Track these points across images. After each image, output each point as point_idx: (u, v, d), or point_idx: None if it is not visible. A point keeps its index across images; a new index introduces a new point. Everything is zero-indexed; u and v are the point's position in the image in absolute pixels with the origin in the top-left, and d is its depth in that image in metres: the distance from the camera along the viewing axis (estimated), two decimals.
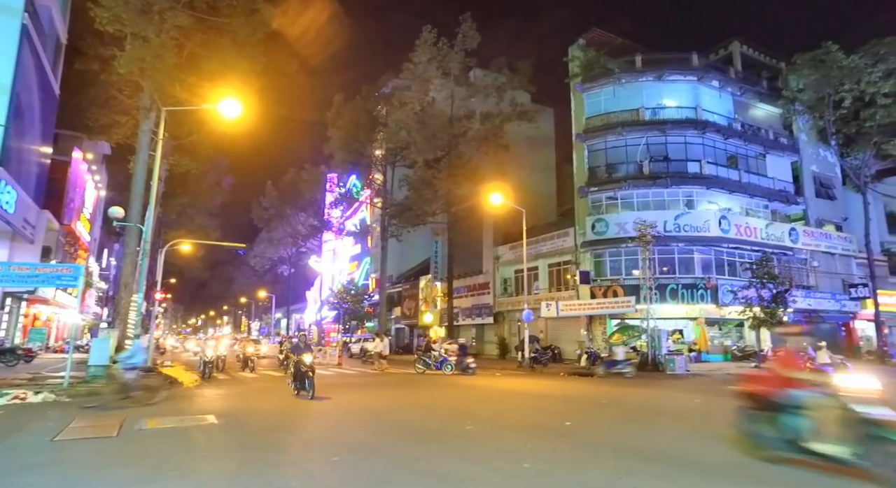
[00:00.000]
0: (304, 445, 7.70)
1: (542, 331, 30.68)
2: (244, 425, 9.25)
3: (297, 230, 56.67)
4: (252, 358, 22.06)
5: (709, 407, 11.99)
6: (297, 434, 8.57)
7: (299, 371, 12.56)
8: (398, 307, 46.56)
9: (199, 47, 17.15)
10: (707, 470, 6.27)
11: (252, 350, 22.60)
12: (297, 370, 12.65)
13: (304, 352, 12.62)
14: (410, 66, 33.29)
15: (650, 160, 28.85)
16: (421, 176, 33.89)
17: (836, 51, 27.55)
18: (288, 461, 6.65)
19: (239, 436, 8.21)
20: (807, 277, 30.64)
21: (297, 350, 12.91)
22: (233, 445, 7.54)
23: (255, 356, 22.52)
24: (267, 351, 32.64)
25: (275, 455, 6.95)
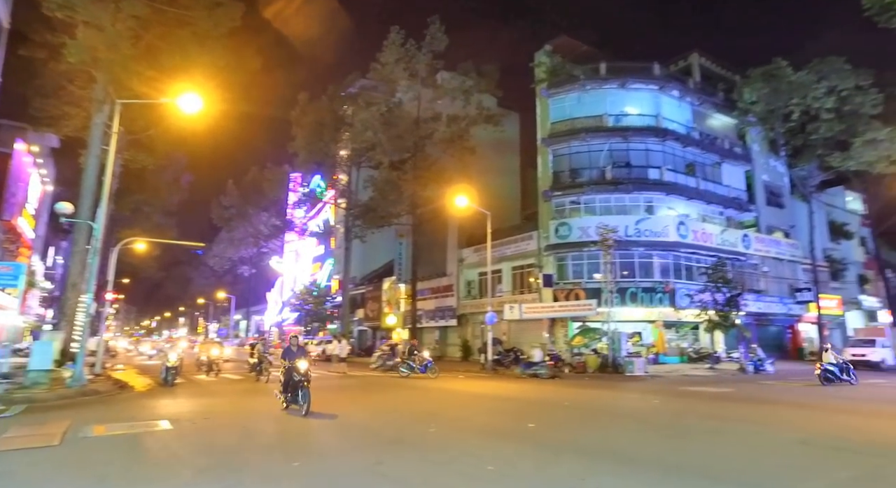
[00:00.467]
0: (265, 450, 7.47)
1: (505, 333, 30.89)
2: (201, 430, 8.92)
3: (258, 230, 55.43)
4: (217, 361, 21.04)
5: (666, 408, 12.30)
6: (257, 438, 8.32)
7: (291, 380, 10.53)
8: (361, 309, 46.06)
9: (158, 39, 16.55)
10: (667, 469, 6.39)
11: (217, 353, 21.57)
12: (289, 379, 10.60)
13: (298, 356, 10.68)
14: (378, 66, 33.06)
15: (613, 166, 29.49)
16: (386, 177, 33.67)
17: (786, 67, 28.94)
18: (247, 466, 6.43)
19: (195, 442, 7.90)
20: (757, 282, 31.92)
21: (288, 355, 10.87)
22: (188, 451, 7.24)
23: (219, 359, 21.47)
24: (230, 353, 31.66)
25: (233, 460, 6.71)
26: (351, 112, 35.51)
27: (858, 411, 11.71)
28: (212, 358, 20.93)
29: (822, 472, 6.32)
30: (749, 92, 30.12)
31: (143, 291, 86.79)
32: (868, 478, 6.10)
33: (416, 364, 20.41)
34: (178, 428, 8.87)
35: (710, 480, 5.87)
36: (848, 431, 9.04)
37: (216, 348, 22.29)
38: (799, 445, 7.84)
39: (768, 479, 5.98)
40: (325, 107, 35.46)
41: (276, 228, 53.68)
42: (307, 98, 36.20)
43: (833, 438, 8.34)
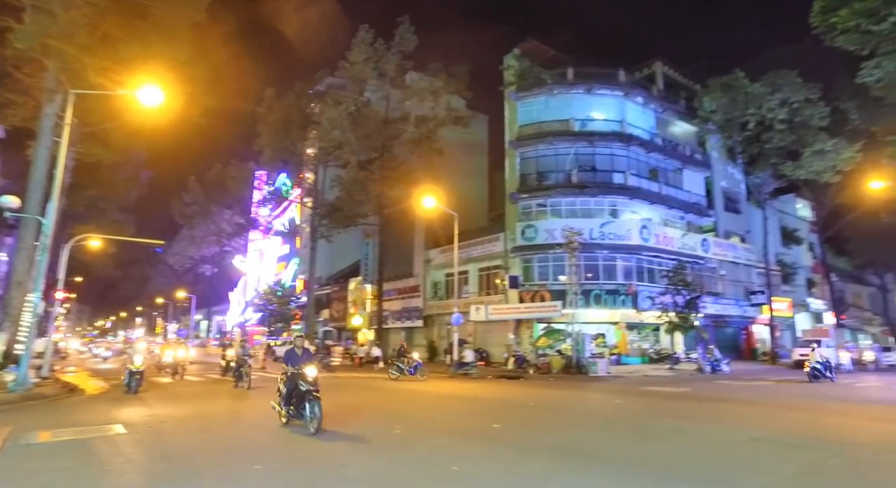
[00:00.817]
0: (225, 453, 7.27)
1: (471, 334, 31.00)
2: (158, 434, 8.61)
3: (221, 228, 54.01)
4: (182, 363, 20.02)
5: (628, 408, 12.57)
6: (218, 441, 8.08)
7: (296, 390, 8.73)
8: (327, 309, 45.50)
9: (117, 29, 15.89)
10: (629, 467, 6.51)
11: (183, 354, 20.61)
12: (293, 388, 8.81)
13: (304, 361, 8.92)
14: (346, 64, 32.71)
15: (579, 169, 29.99)
16: (353, 176, 33.32)
17: (743, 78, 30.05)
18: (206, 470, 6.24)
19: (151, 447, 7.62)
20: (715, 285, 33.00)
21: (292, 359, 9.07)
22: (143, 457, 6.98)
23: (185, 361, 20.41)
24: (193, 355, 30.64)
25: (191, 464, 6.50)
26: (318, 110, 35.00)
27: (808, 408, 12.23)
28: (177, 359, 19.93)
29: (771, 467, 6.59)
30: (709, 101, 31.11)
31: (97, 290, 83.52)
32: (811, 472, 6.41)
33: (406, 366, 20.05)
34: (133, 433, 8.54)
35: (668, 477, 6.02)
36: (796, 427, 9.44)
37: (182, 349, 21.28)
38: (751, 442, 8.13)
39: (722, 475, 6.20)
40: (292, 104, 34.85)
41: (239, 227, 52.41)
42: (274, 94, 35.53)
43: (782, 435, 8.71)
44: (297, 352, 9.28)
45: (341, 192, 34.03)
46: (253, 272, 62.59)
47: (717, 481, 5.94)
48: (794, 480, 6.04)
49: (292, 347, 9.45)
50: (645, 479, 5.95)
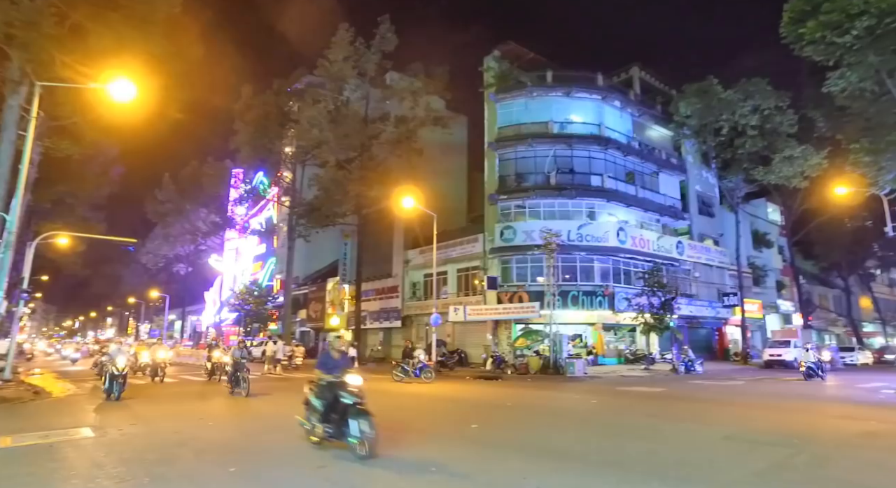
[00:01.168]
0: (198, 456, 7.11)
1: (449, 335, 31.02)
2: (129, 437, 8.38)
3: (196, 227, 52.93)
4: (163, 364, 18.97)
5: (605, 407, 12.71)
6: (191, 444, 7.89)
7: (336, 402, 6.97)
8: (304, 309, 45.01)
9: (87, 20, 15.40)
10: (606, 465, 6.57)
11: (163, 355, 19.61)
12: (332, 401, 7.04)
13: (344, 367, 7.34)
14: (325, 63, 32.40)
15: (557, 172, 30.25)
16: (332, 176, 33.02)
17: (717, 84, 30.74)
18: (178, 474, 6.09)
19: (121, 450, 7.40)
20: (689, 286, 33.63)
21: (327, 364, 7.36)
22: (112, 461, 6.77)
23: (164, 363, 19.31)
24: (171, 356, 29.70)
25: (163, 468, 6.34)
26: (297, 108, 34.62)
27: (778, 407, 12.54)
28: (157, 361, 18.89)
29: (742, 464, 6.76)
30: (684, 106, 31.70)
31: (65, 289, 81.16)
32: (779, 468, 6.58)
33: (411, 367, 19.51)
34: (102, 437, 8.30)
35: (643, 474, 6.10)
36: (766, 425, 9.68)
37: (162, 350, 20.22)
38: (723, 440, 8.31)
39: (695, 472, 6.32)
40: (270, 102, 34.39)
41: (215, 225, 51.45)
42: (251, 92, 35.01)
43: (753, 432, 8.93)
44: (333, 355, 7.53)
45: (320, 192, 33.70)
46: (229, 271, 61.58)
47: (690, 478, 6.04)
48: (763, 476, 6.19)
49: (326, 350, 7.68)
50: (620, 477, 6.02)
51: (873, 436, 8.85)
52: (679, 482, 5.89)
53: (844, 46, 19.59)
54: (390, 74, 35.71)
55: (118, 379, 13.10)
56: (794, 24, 20.81)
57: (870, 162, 21.37)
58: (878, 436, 8.88)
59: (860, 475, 6.34)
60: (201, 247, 60.04)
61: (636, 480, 5.93)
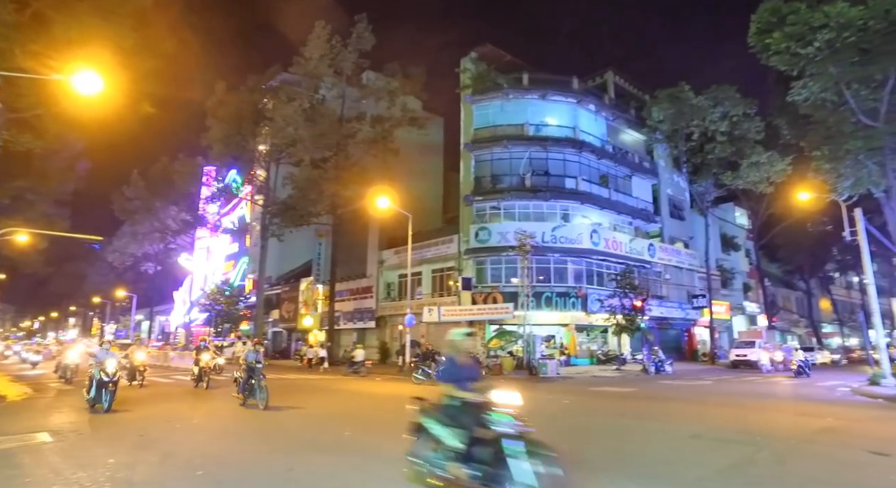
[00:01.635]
0: (164, 459, 6.93)
1: (423, 335, 30.95)
2: (88, 441, 8.11)
3: (166, 225, 51.51)
4: (142, 367, 17.58)
5: (577, 407, 12.87)
6: (156, 447, 7.69)
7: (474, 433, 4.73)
8: (277, 309, 44.38)
9: (51, 9, 14.94)
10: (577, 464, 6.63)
11: (142, 357, 18.06)
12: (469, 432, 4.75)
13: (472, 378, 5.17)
14: (301, 60, 32.06)
15: (532, 174, 30.50)
16: (307, 175, 32.66)
17: (688, 90, 31.44)
18: (143, 479, 5.92)
19: (80, 455, 7.16)
20: (660, 288, 34.30)
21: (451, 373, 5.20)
22: (70, 466, 6.53)
23: (143, 365, 17.86)
24: None
25: (126, 472, 6.15)
26: (271, 106, 34.13)
27: (743, 406, 12.88)
28: (136, 363, 17.30)
29: (707, 462, 6.95)
30: (657, 111, 32.34)
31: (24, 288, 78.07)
32: (744, 464, 6.80)
33: (433, 370, 19.15)
34: (60, 441, 8.02)
35: (613, 473, 6.20)
36: (731, 424, 9.94)
37: (141, 352, 18.76)
38: (690, 438, 8.50)
39: (663, 470, 6.46)
40: (244, 98, 33.80)
41: (186, 224, 50.18)
42: (224, 88, 34.36)
43: (719, 430, 9.18)
44: (460, 359, 5.28)
45: (294, 191, 33.30)
46: (199, 271, 60.29)
47: (658, 476, 6.16)
48: (727, 472, 6.36)
49: (450, 355, 5.34)
50: (591, 477, 6.09)
51: (830, 432, 9.20)
52: (648, 480, 6.00)
53: (807, 57, 20.30)
54: (367, 74, 35.52)
55: (107, 386, 10.93)
56: (761, 34, 21.47)
57: (830, 169, 22.14)
58: (835, 432, 9.24)
59: (817, 469, 6.58)
60: (171, 246, 58.53)
61: (606, 479, 6.02)
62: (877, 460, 7.11)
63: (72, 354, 18.30)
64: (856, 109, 20.95)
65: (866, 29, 19.00)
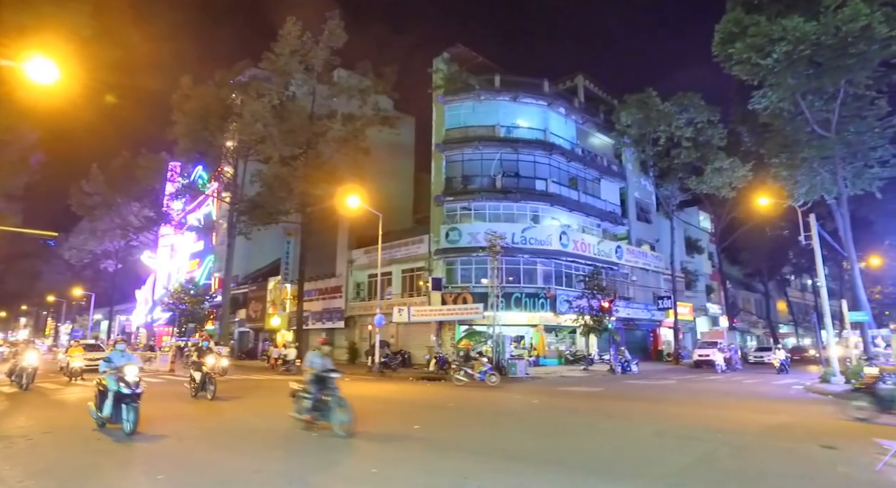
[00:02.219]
0: (122, 464, 6.69)
1: (393, 335, 30.83)
2: (39, 447, 7.76)
3: (128, 221, 49.70)
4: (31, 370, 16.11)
5: (545, 407, 13.00)
6: (114, 453, 7.42)
7: None
8: (243, 309, 43.51)
9: None
10: (546, 463, 6.71)
11: (34, 360, 16.39)
12: None
13: None
14: (271, 56, 31.44)
15: (503, 175, 30.72)
16: (276, 172, 32.04)
17: (656, 96, 32.19)
18: (99, 484, 5.70)
19: (29, 461, 6.85)
20: (627, 290, 35.01)
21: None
22: (18, 474, 6.25)
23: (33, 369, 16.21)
24: None
25: (81, 478, 5.91)
26: (240, 102, 33.40)
27: (705, 404, 13.26)
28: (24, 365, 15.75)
29: (672, 458, 7.15)
30: (625, 116, 33.01)
31: None
32: (705, 460, 7.04)
33: (474, 371, 19.21)
34: (6, 448, 7.65)
35: (581, 471, 6.30)
36: (694, 421, 10.23)
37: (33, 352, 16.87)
38: (655, 436, 8.71)
39: (629, 466, 6.61)
40: (212, 93, 32.93)
41: (149, 220, 48.46)
42: (191, 82, 33.43)
43: (682, 428, 9.44)
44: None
45: (262, 188, 32.62)
46: (163, 269, 58.60)
47: (624, 473, 6.29)
48: (691, 468, 6.55)
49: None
50: (559, 475, 6.17)
51: (785, 428, 9.60)
52: (614, 477, 6.11)
53: (767, 68, 21.10)
54: (338, 72, 35.12)
55: (128, 400, 8.40)
56: (724, 44, 22.19)
57: (787, 176, 23.05)
58: (789, 428, 9.66)
59: (773, 463, 6.89)
60: (133, 243, 56.65)
61: (575, 477, 6.11)
62: (826, 453, 7.47)
63: (30, 356, 15.71)
64: (810, 119, 21.89)
65: (819, 44, 19.91)
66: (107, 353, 10.26)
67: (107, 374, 8.68)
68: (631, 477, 6.14)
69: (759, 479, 6.15)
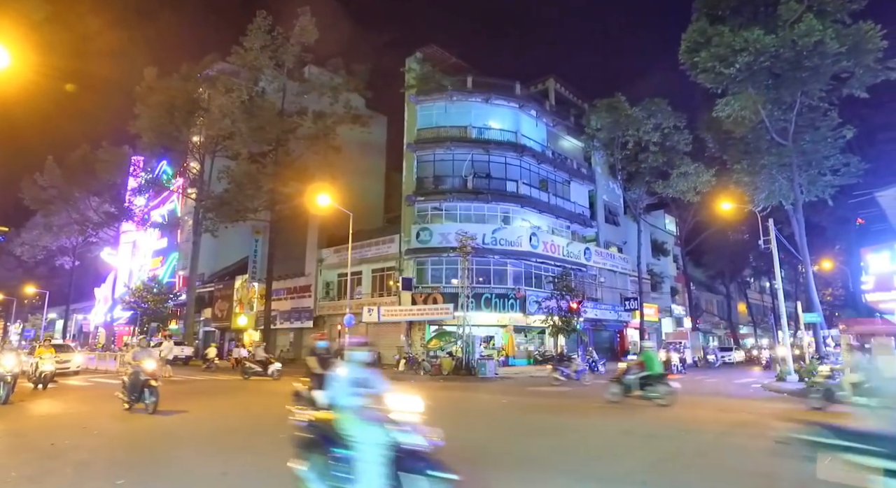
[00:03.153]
0: (80, 468, 6.46)
1: (362, 335, 30.59)
2: None
3: (86, 217, 47.81)
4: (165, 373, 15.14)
5: (515, 407, 13.16)
6: (69, 454, 7.15)
7: None
8: (209, 308, 42.50)
9: None
10: (516, 462, 6.79)
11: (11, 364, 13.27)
12: None
13: None
14: (240, 50, 30.86)
15: (474, 176, 30.88)
16: (244, 169, 31.44)
17: (624, 101, 32.83)
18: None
19: None
20: (595, 291, 35.63)
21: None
22: None
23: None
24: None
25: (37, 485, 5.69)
26: (207, 96, 32.65)
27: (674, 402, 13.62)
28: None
29: (638, 456, 7.33)
30: (595, 120, 33.55)
31: None
32: (669, 458, 7.25)
33: (571, 369, 19.67)
34: None
35: (549, 469, 6.39)
36: (659, 420, 10.50)
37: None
38: (622, 435, 8.92)
39: (597, 465, 6.76)
40: (178, 87, 32.08)
41: (109, 216, 46.76)
42: (155, 74, 32.53)
43: (647, 426, 9.70)
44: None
45: (230, 185, 31.95)
46: (124, 266, 56.75)
47: (592, 471, 6.42)
48: (655, 465, 6.74)
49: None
50: (528, 473, 6.25)
51: (744, 425, 9.97)
52: (582, 475, 6.23)
53: (729, 77, 21.88)
54: (309, 68, 34.74)
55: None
56: (690, 52, 22.88)
57: (748, 182, 23.92)
58: (748, 425, 10.05)
59: (734, 459, 7.18)
60: (92, 240, 54.60)
61: (544, 475, 6.19)
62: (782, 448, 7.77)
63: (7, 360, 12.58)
64: (769, 128, 22.76)
65: (778, 56, 20.78)
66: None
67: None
68: (599, 474, 6.27)
69: (723, 475, 6.37)
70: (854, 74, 21.22)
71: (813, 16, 19.99)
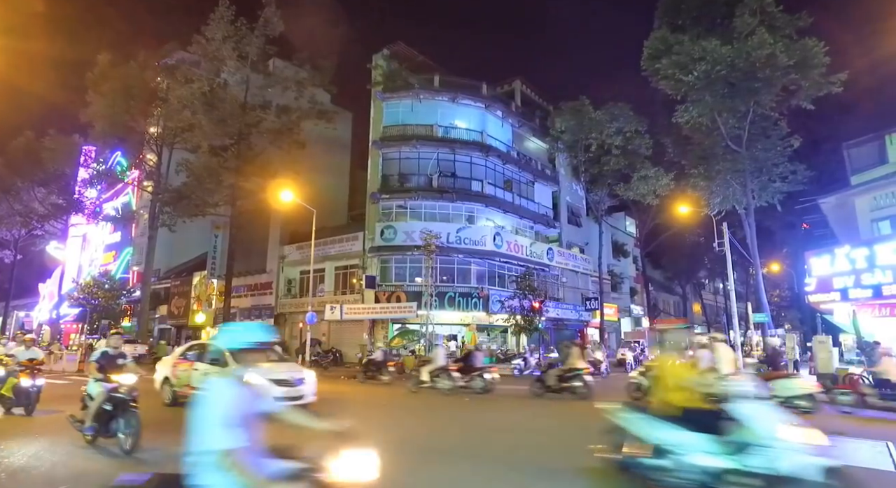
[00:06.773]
0: (13, 474, 6.15)
1: (324, 333, 30.27)
2: None
3: (31, 208, 45.39)
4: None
5: (476, 405, 13.23)
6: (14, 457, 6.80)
7: None
8: (165, 305, 41.18)
9: None
10: (476, 460, 6.83)
11: None
12: None
13: None
14: (202, 40, 29.91)
15: (439, 175, 30.92)
16: (204, 162, 30.50)
17: (588, 105, 33.44)
18: None
19: None
20: (557, 291, 36.21)
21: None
22: None
23: None
24: None
25: None
26: (166, 86, 31.55)
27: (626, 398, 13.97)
28: None
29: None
30: (559, 122, 34.06)
31: None
32: None
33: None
34: None
35: (506, 466, 6.46)
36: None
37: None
38: (580, 430, 9.07)
39: (556, 461, 6.84)
40: (134, 75, 30.85)
41: (57, 208, 44.47)
42: (108, 61, 31.18)
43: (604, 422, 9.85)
44: None
45: (189, 179, 30.92)
46: (73, 261, 54.30)
47: (553, 468, 6.52)
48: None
49: None
50: (487, 471, 6.31)
51: None
52: (538, 470, 6.32)
53: (688, 84, 22.66)
54: (274, 61, 34.00)
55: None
56: (651, 59, 23.58)
57: (704, 186, 24.82)
58: None
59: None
60: (36, 233, 51.88)
61: (500, 473, 6.26)
62: None
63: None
64: (725, 135, 23.66)
65: (733, 66, 21.66)
66: None
67: None
68: (557, 470, 6.39)
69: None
70: (801, 87, 22.30)
71: (765, 30, 20.92)
